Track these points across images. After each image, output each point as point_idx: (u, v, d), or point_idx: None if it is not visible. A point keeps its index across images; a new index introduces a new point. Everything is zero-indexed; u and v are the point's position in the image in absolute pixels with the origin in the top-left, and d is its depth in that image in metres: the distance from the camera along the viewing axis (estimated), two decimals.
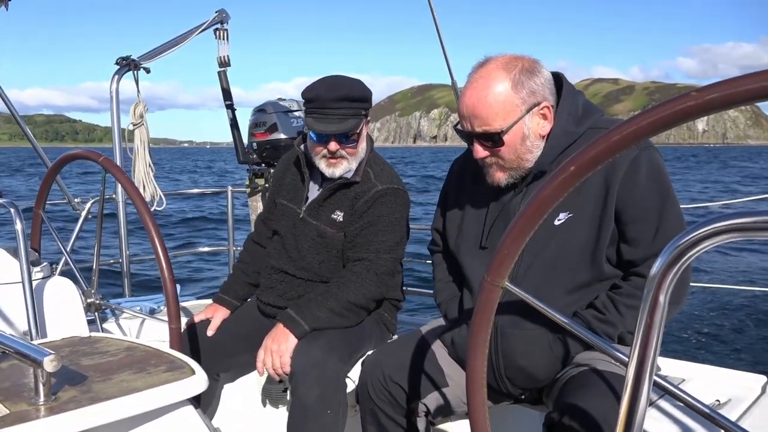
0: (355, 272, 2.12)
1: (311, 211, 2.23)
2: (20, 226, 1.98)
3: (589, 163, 0.84)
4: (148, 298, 3.05)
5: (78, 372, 1.18)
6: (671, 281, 0.78)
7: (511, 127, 1.61)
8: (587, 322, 1.63)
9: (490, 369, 1.71)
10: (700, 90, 0.72)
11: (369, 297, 2.13)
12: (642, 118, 0.77)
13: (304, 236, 2.23)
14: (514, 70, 1.61)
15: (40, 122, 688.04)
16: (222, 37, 3.74)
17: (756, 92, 0.67)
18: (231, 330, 2.32)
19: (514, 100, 1.60)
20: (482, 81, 1.61)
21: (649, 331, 0.81)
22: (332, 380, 1.94)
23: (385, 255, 2.15)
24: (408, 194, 2.27)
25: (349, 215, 2.19)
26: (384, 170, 2.23)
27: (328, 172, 2.16)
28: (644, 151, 1.60)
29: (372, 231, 2.15)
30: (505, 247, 0.95)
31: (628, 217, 1.60)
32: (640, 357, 0.83)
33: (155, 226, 1.79)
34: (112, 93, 3.47)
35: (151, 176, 3.47)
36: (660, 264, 0.78)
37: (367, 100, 2.17)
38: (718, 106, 0.70)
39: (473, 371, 1.04)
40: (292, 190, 2.32)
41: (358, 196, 2.18)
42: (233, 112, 3.77)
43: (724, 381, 1.94)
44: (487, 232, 1.76)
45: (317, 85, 2.13)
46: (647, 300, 0.80)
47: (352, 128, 2.11)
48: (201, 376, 1.19)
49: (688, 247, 0.75)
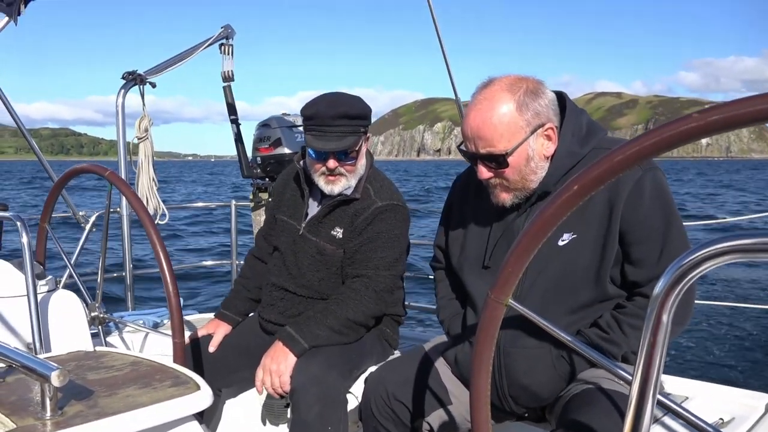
0: (354, 289, 2.11)
1: (311, 228, 2.23)
2: (26, 240, 1.99)
3: (592, 183, 0.85)
4: (152, 312, 3.05)
5: (84, 386, 1.19)
6: (674, 301, 0.79)
7: (516, 149, 1.61)
8: (591, 340, 1.63)
9: (493, 387, 1.70)
10: (702, 112, 0.73)
11: (368, 314, 2.12)
12: (645, 139, 0.78)
13: (303, 253, 2.23)
14: (518, 92, 1.61)
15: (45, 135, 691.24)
16: (227, 52, 3.78)
17: (757, 114, 0.68)
18: (233, 345, 2.32)
19: (518, 122, 1.61)
20: (486, 102, 1.62)
21: (653, 350, 0.82)
22: (332, 397, 1.93)
23: (384, 272, 2.14)
24: (408, 210, 2.26)
25: (348, 232, 2.18)
26: (384, 186, 2.23)
27: (327, 189, 2.16)
28: (648, 172, 1.60)
29: (371, 247, 2.14)
30: (509, 265, 0.96)
31: (633, 238, 1.61)
32: (644, 376, 0.83)
33: (160, 240, 1.80)
34: (118, 107, 3.50)
35: (155, 190, 3.49)
36: (663, 284, 0.79)
37: (367, 117, 2.16)
38: (719, 127, 0.71)
39: (477, 389, 1.04)
40: (292, 205, 2.32)
41: (357, 212, 2.17)
42: (238, 126, 3.80)
43: (728, 399, 1.93)
44: (490, 251, 1.76)
45: (317, 102, 2.13)
46: (650, 319, 0.81)
47: (351, 146, 2.11)
48: (206, 392, 1.19)
49: (690, 268, 0.76)
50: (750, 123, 0.70)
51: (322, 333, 2.04)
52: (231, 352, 2.30)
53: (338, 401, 1.96)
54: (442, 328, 1.95)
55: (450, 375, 1.85)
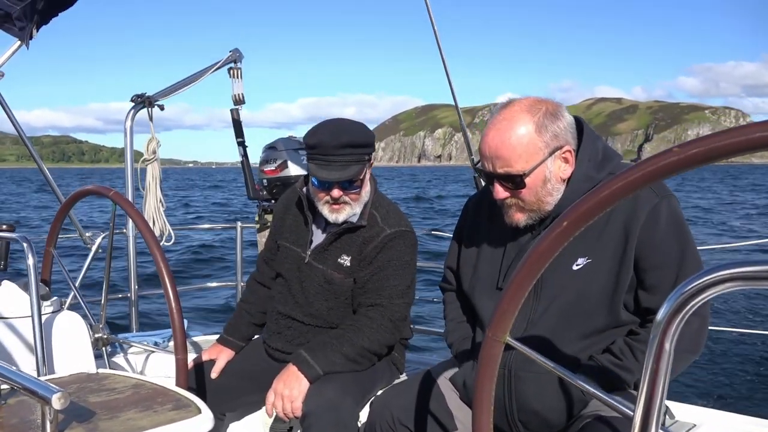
0: (370, 317, 2.09)
1: (316, 256, 2.20)
2: (32, 261, 2.01)
3: (582, 217, 0.87)
4: (156, 333, 3.05)
5: (85, 409, 1.19)
6: (676, 328, 0.79)
7: (533, 170, 1.62)
8: (603, 366, 1.61)
9: (503, 412, 1.68)
10: (682, 146, 0.76)
11: (383, 343, 2.11)
12: (630, 173, 0.82)
13: (310, 281, 2.20)
14: (538, 114, 1.62)
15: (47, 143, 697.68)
16: (236, 75, 3.81)
17: (736, 146, 0.70)
18: (237, 371, 2.30)
19: (537, 143, 1.62)
20: (506, 123, 1.63)
21: (655, 378, 0.81)
22: (346, 422, 1.92)
23: (398, 300, 2.12)
24: (415, 235, 2.25)
25: (357, 261, 2.16)
26: (390, 212, 2.21)
27: (332, 217, 2.13)
28: (664, 200, 1.61)
29: (383, 276, 2.12)
30: (504, 303, 0.97)
31: (648, 264, 1.60)
32: (647, 405, 0.83)
33: (164, 259, 1.81)
34: (126, 129, 3.53)
35: (161, 211, 3.50)
36: (665, 310, 0.79)
37: (371, 145, 2.14)
38: (701, 160, 0.74)
39: (479, 426, 1.04)
40: (295, 231, 2.29)
41: (366, 241, 2.15)
42: (245, 149, 3.82)
43: (736, 427, 1.91)
44: (504, 273, 1.76)
45: (320, 131, 2.10)
46: (653, 346, 0.81)
47: (356, 175, 2.08)
48: (207, 415, 1.19)
49: (692, 295, 0.76)
50: (730, 154, 0.72)
51: (337, 360, 2.02)
52: (236, 378, 2.28)
53: (351, 427, 1.94)
54: (450, 351, 1.94)
55: (455, 400, 1.84)
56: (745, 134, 0.68)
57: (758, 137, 0.67)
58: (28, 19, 2.91)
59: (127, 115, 3.55)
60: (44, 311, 2.14)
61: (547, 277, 1.61)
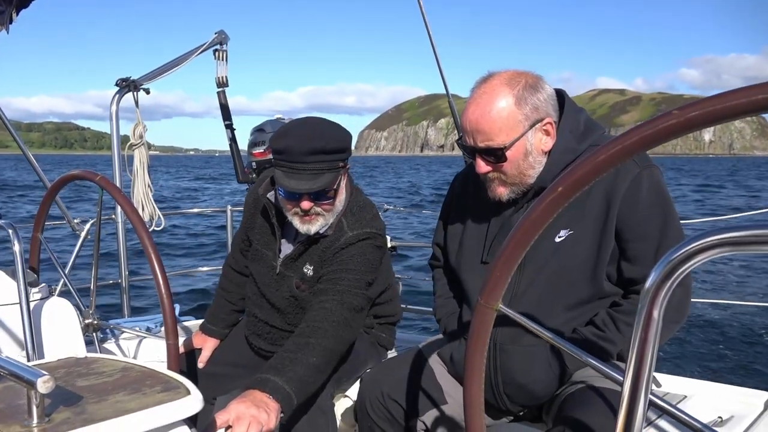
0: (326, 308, 1.85)
1: (287, 266, 2.06)
2: (18, 248, 1.99)
3: (576, 184, 0.85)
4: (147, 319, 3.04)
5: (72, 393, 1.18)
6: (665, 296, 0.78)
7: (514, 143, 1.62)
8: (586, 338, 1.63)
9: (489, 386, 1.70)
10: (681, 108, 0.74)
11: (346, 339, 1.89)
12: (627, 137, 0.79)
13: (281, 292, 2.09)
14: (517, 86, 1.62)
15: (49, 130, 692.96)
16: (221, 57, 3.78)
17: (735, 109, 0.68)
18: (225, 359, 2.29)
19: (517, 116, 1.61)
20: (486, 96, 1.62)
21: (644, 347, 0.81)
22: (318, 405, 1.89)
23: (356, 290, 1.91)
24: (384, 239, 2.06)
25: (318, 267, 2.01)
26: (359, 218, 2.01)
27: (303, 229, 1.95)
28: (645, 170, 1.60)
29: (342, 269, 1.93)
30: (497, 270, 0.96)
31: (629, 234, 1.61)
32: (636, 373, 0.82)
33: (152, 243, 1.79)
34: (112, 114, 3.49)
35: (150, 196, 3.48)
36: (653, 279, 0.78)
37: (345, 150, 1.92)
38: (699, 123, 0.72)
39: (470, 395, 1.03)
40: (265, 233, 2.14)
41: (327, 246, 1.99)
42: (232, 131, 3.80)
43: (726, 398, 1.92)
44: (488, 247, 1.76)
45: (288, 134, 1.88)
46: (641, 315, 0.80)
47: (328, 184, 1.88)
48: (196, 397, 1.18)
49: (680, 262, 0.75)
50: (729, 118, 0.70)
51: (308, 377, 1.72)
52: (222, 365, 2.28)
53: (324, 407, 1.91)
54: (439, 327, 1.95)
55: (445, 374, 1.85)
56: (746, 96, 0.67)
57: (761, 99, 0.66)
58: (7, 3, 2.85)
59: (112, 100, 3.51)
60: (32, 298, 2.12)
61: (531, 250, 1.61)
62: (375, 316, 2.27)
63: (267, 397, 1.59)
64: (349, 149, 1.97)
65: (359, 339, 2.13)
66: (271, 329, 2.16)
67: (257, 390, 1.61)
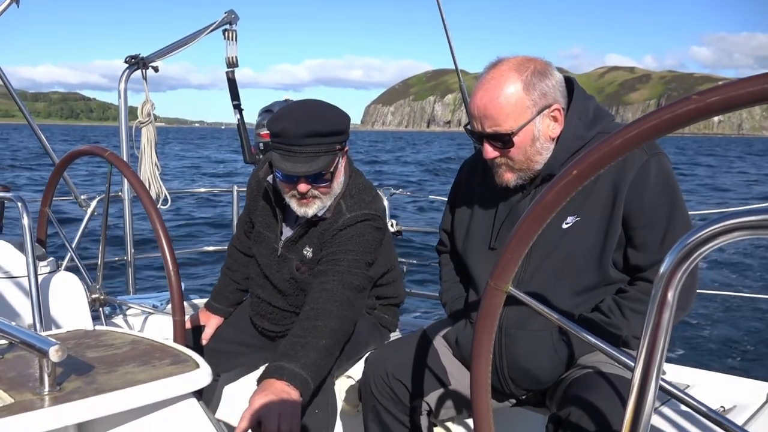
0: (327, 289, 1.86)
1: (288, 248, 2.08)
2: (27, 221, 1.99)
3: (591, 168, 0.85)
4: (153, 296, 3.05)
5: (83, 363, 1.19)
6: (680, 279, 0.78)
7: (522, 129, 1.61)
8: (592, 325, 1.63)
9: (494, 369, 1.70)
10: (701, 93, 0.73)
11: (350, 319, 1.89)
12: (644, 122, 0.78)
13: (282, 273, 2.11)
14: (525, 72, 1.61)
15: (55, 100, 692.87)
16: (230, 38, 3.75)
17: (756, 95, 0.67)
18: (228, 336, 2.31)
19: (525, 102, 1.61)
20: (494, 82, 1.62)
21: (657, 330, 0.81)
22: (323, 387, 1.89)
23: (356, 270, 1.91)
24: (383, 221, 2.07)
25: (317, 249, 2.02)
26: (358, 200, 2.01)
27: (300, 212, 1.96)
28: (653, 157, 1.60)
29: (341, 250, 1.94)
30: (508, 252, 0.96)
31: (636, 222, 1.61)
32: (647, 357, 0.82)
33: (160, 219, 1.80)
34: (121, 91, 3.47)
35: (157, 175, 3.47)
36: (669, 262, 0.77)
37: (343, 132, 1.92)
38: (718, 109, 0.71)
39: (477, 376, 1.04)
40: (267, 216, 2.15)
41: (326, 228, 2.00)
42: (241, 112, 3.79)
43: (729, 388, 1.93)
44: (496, 233, 1.76)
45: (284, 116, 1.88)
46: (656, 298, 0.80)
47: (325, 167, 1.87)
48: (205, 370, 1.19)
49: (697, 245, 0.75)
50: (748, 104, 0.70)
51: (320, 361, 1.75)
52: (226, 342, 2.29)
53: (325, 386, 1.92)
54: (445, 311, 1.95)
55: (450, 356, 1.86)
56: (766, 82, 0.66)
57: None
58: None
59: (121, 77, 3.49)
60: (40, 272, 2.13)
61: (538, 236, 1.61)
62: (377, 297, 2.28)
63: (286, 385, 1.63)
64: (347, 132, 1.96)
65: (362, 320, 2.14)
66: (273, 309, 2.18)
67: (275, 379, 1.64)
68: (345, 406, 2.32)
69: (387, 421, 1.81)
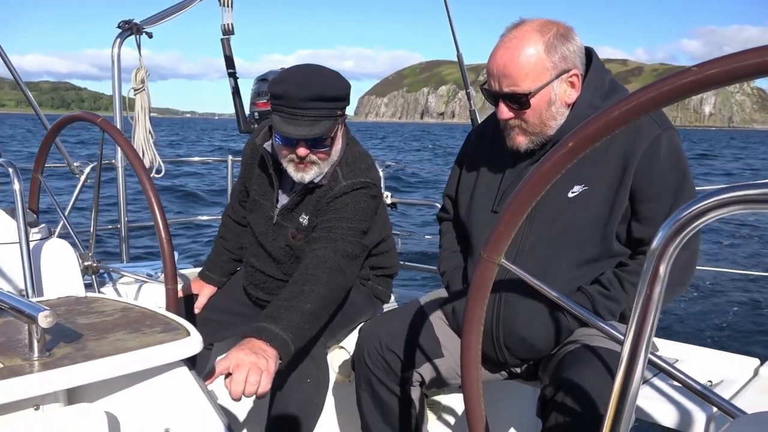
0: (319, 256, 1.85)
1: (284, 216, 2.07)
2: (18, 187, 1.97)
3: (587, 139, 0.83)
4: (146, 265, 3.04)
5: (73, 330, 1.18)
6: (673, 252, 0.77)
7: (539, 90, 1.60)
8: (591, 297, 1.63)
9: (489, 337, 1.71)
10: (701, 65, 0.71)
11: (341, 287, 1.88)
12: (642, 93, 0.76)
13: (277, 242, 2.11)
14: (548, 34, 1.59)
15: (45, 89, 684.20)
16: (226, 4, 3.69)
17: (756, 67, 0.65)
18: (222, 306, 2.31)
19: (545, 63, 1.59)
20: (516, 41, 1.60)
21: (648, 304, 0.80)
22: (311, 354, 1.90)
23: (350, 238, 1.91)
24: (379, 188, 2.07)
25: (313, 217, 2.02)
26: (354, 168, 2.01)
27: (297, 177, 1.95)
28: (665, 132, 1.60)
29: (336, 217, 1.94)
30: (502, 224, 0.95)
31: (644, 195, 1.60)
32: (637, 330, 0.82)
33: (153, 187, 1.78)
34: (114, 58, 3.42)
35: (151, 143, 3.44)
36: (662, 235, 0.77)
37: (344, 98, 1.92)
38: (718, 81, 0.69)
39: (468, 348, 1.03)
40: (263, 184, 2.15)
41: (322, 196, 1.99)
42: (236, 80, 3.75)
43: (717, 363, 1.94)
44: (500, 197, 1.75)
45: (286, 79, 1.87)
46: (648, 272, 0.79)
47: (325, 132, 1.87)
48: (196, 338, 1.19)
49: (691, 219, 0.74)
50: (749, 76, 0.68)
51: (304, 324, 1.73)
52: (219, 312, 2.29)
53: (317, 356, 1.93)
54: (442, 280, 1.95)
55: (444, 328, 1.86)
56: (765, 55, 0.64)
57: None
58: None
59: (114, 43, 3.43)
60: (32, 238, 2.11)
61: (542, 204, 1.60)
62: (371, 268, 2.27)
63: (264, 344, 1.61)
64: (348, 98, 1.95)
65: (355, 290, 2.13)
66: (267, 279, 2.17)
67: (254, 338, 1.63)
68: (338, 377, 2.33)
69: (379, 392, 1.82)
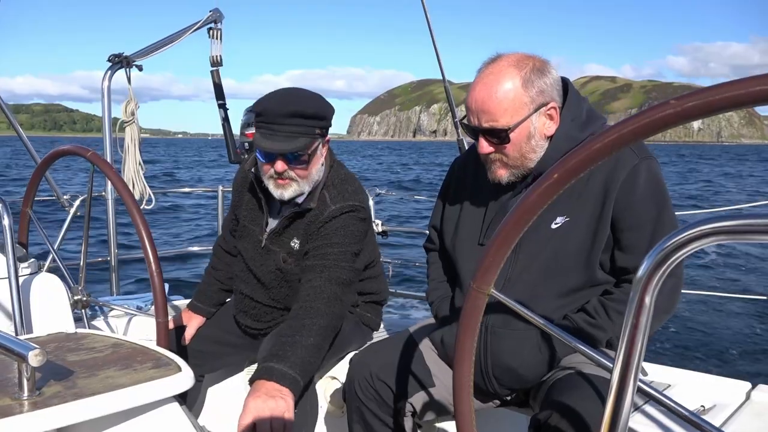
0: (314, 287, 1.90)
1: (273, 240, 2.10)
2: (7, 222, 1.97)
3: (571, 171, 0.86)
4: (136, 297, 3.03)
5: (63, 367, 1.18)
6: (657, 284, 0.79)
7: (518, 125, 1.63)
8: (577, 325, 1.64)
9: (478, 368, 1.71)
10: (679, 98, 0.74)
11: (338, 315, 1.92)
12: (622, 126, 0.79)
13: (266, 267, 2.13)
14: (525, 69, 1.62)
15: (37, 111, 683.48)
16: (215, 36, 3.74)
17: (731, 100, 0.68)
18: (211, 336, 2.30)
19: (523, 98, 1.62)
20: (493, 77, 1.63)
21: (635, 333, 0.81)
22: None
23: (343, 263, 1.96)
24: (367, 211, 2.11)
25: (304, 241, 2.05)
26: (342, 191, 2.05)
27: (277, 193, 2.00)
28: (643, 161, 1.62)
29: (327, 243, 1.98)
30: (490, 255, 0.96)
31: (624, 224, 1.62)
32: (625, 359, 0.83)
33: (143, 219, 1.78)
34: (104, 90, 3.44)
35: (141, 174, 3.45)
36: (647, 265, 0.78)
37: (324, 118, 1.97)
38: (696, 114, 0.71)
39: (460, 378, 1.04)
40: (252, 210, 2.19)
41: (312, 220, 2.03)
42: (226, 111, 3.78)
43: (709, 387, 1.95)
44: (485, 230, 1.77)
45: (269, 97, 1.96)
46: (633, 302, 0.81)
47: (302, 148, 1.92)
48: (187, 374, 1.18)
49: (674, 250, 0.76)
50: (725, 109, 0.70)
51: (308, 357, 1.76)
52: (209, 343, 2.28)
53: (310, 392, 1.91)
54: (431, 310, 1.96)
55: (434, 357, 1.86)
56: (744, 87, 0.66)
57: (758, 91, 0.66)
58: None
59: (104, 76, 3.46)
60: (21, 273, 2.10)
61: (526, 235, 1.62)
62: (360, 293, 2.27)
63: (277, 386, 1.64)
64: (329, 119, 2.01)
65: (344, 319, 2.13)
66: (255, 304, 2.18)
67: (264, 380, 1.66)
68: (330, 408, 2.31)
69: (371, 423, 1.81)
